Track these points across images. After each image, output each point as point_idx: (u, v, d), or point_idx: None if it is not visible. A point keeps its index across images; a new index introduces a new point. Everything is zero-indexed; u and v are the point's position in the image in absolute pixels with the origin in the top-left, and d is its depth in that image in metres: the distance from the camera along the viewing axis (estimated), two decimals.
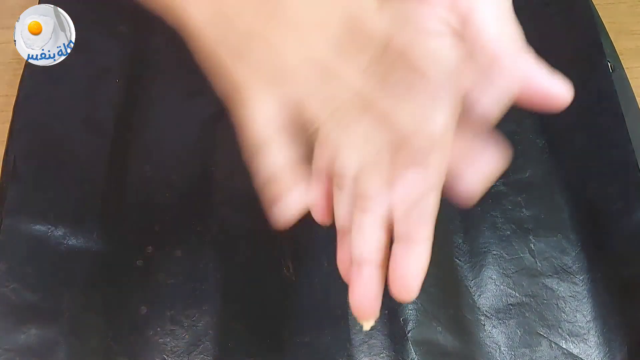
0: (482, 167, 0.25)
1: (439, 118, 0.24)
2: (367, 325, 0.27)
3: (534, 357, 0.38)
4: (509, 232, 0.41)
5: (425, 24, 0.24)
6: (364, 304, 0.26)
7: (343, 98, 0.25)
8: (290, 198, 0.26)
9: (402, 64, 0.24)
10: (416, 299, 0.38)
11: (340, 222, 0.28)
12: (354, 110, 0.25)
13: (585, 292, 0.40)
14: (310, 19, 0.25)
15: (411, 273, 0.25)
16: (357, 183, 0.26)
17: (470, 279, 0.40)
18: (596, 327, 0.39)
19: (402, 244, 0.25)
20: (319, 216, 0.28)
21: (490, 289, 0.40)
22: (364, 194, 0.26)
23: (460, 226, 0.42)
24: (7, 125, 0.43)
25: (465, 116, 0.25)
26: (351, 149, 0.26)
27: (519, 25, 0.25)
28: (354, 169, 0.26)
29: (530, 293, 0.40)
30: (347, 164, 0.26)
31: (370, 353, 0.38)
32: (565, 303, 0.39)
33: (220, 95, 0.29)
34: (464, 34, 0.24)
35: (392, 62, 0.24)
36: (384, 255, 0.26)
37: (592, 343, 0.38)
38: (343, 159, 0.26)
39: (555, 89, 0.24)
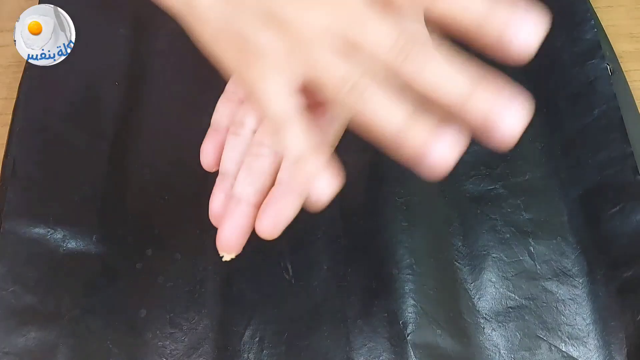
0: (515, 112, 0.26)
1: None
2: (227, 257, 0.29)
3: None
4: (508, 235, 0.41)
5: None
6: (233, 238, 0.28)
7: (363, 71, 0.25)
8: (322, 182, 0.26)
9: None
10: (416, 301, 0.38)
11: (225, 165, 0.30)
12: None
13: (585, 295, 0.40)
14: None
15: (281, 214, 0.28)
16: (256, 133, 0.29)
17: (470, 281, 0.40)
18: (596, 330, 0.39)
19: (281, 188, 0.28)
20: (208, 163, 0.31)
21: (489, 291, 0.40)
22: (260, 142, 0.29)
23: (459, 229, 0.42)
24: (7, 128, 0.43)
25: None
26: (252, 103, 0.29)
27: None
28: (255, 122, 0.29)
29: (529, 296, 0.40)
30: (249, 116, 0.30)
31: (369, 356, 0.38)
32: (564, 306, 0.39)
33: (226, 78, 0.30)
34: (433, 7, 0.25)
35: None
36: (262, 199, 0.28)
37: (592, 346, 0.38)
38: (245, 112, 0.30)
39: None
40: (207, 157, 0.31)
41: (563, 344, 0.38)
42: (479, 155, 0.43)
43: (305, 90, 0.27)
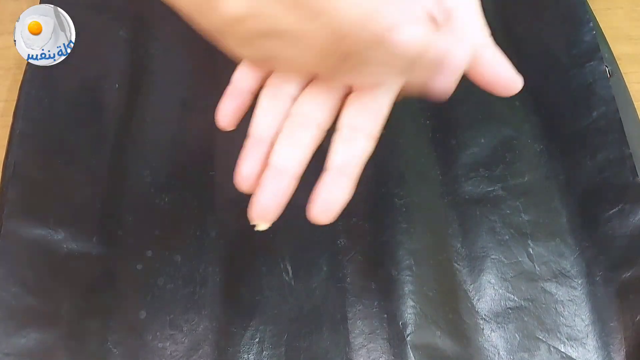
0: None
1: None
2: (263, 227, 0.28)
3: None
4: (507, 237, 0.41)
5: (412, 10, 0.26)
6: (272, 207, 0.27)
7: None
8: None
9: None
10: (415, 302, 0.39)
11: (259, 129, 0.28)
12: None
13: (584, 296, 0.40)
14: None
15: (335, 200, 0.27)
16: (298, 101, 0.28)
17: (469, 283, 0.40)
18: (595, 331, 0.39)
19: (334, 173, 0.27)
20: (227, 123, 0.30)
21: (488, 293, 0.40)
22: (304, 113, 0.28)
23: (458, 230, 0.42)
24: (8, 130, 0.43)
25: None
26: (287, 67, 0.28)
27: (519, 29, 0.28)
28: (294, 89, 0.28)
29: (528, 297, 0.40)
30: (287, 81, 0.28)
31: (369, 357, 0.38)
32: (563, 307, 0.39)
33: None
34: (446, 25, 0.26)
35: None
36: (302, 171, 0.28)
37: (591, 347, 0.38)
38: (282, 76, 0.28)
39: (516, 79, 0.28)
40: (225, 117, 0.30)
41: (562, 345, 0.39)
42: (477, 157, 0.44)
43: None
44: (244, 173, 0.28)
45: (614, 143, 0.42)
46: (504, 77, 0.27)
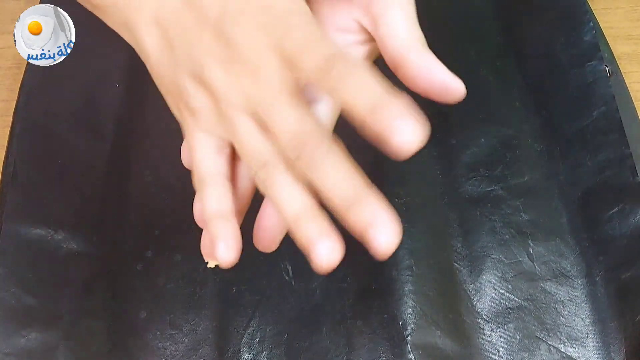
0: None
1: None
2: (211, 264, 0.29)
3: None
4: (507, 237, 0.41)
5: (339, 21, 0.28)
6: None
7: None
8: (220, 248, 0.27)
9: None
10: (415, 302, 0.39)
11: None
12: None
13: (584, 296, 0.40)
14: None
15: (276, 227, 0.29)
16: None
17: (469, 282, 0.40)
18: (595, 331, 0.39)
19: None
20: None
21: (489, 292, 0.40)
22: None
23: (458, 230, 0.42)
24: (8, 130, 0.43)
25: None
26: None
27: (519, 30, 0.27)
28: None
29: (529, 297, 0.40)
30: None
31: (369, 356, 0.38)
32: (563, 307, 0.40)
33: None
34: (375, 33, 0.27)
35: None
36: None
37: (591, 347, 0.39)
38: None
39: (453, 84, 0.27)
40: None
41: (562, 345, 0.39)
42: (478, 156, 0.44)
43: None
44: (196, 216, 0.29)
45: (614, 143, 0.42)
46: (437, 81, 0.26)
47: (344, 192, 0.25)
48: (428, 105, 0.45)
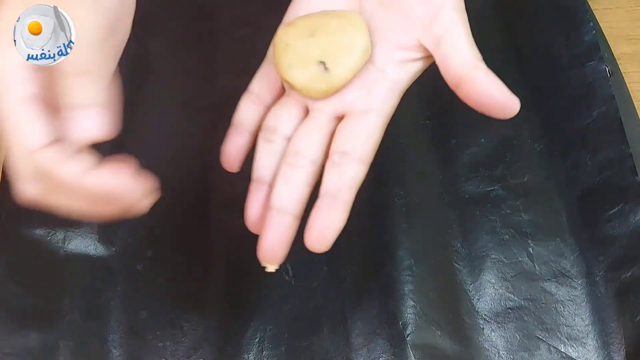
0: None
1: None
2: (271, 268, 0.29)
3: None
4: (507, 237, 0.41)
5: (400, 39, 0.29)
6: (275, 249, 0.28)
7: None
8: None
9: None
10: (415, 302, 0.39)
11: (259, 172, 0.30)
12: None
13: (584, 296, 0.40)
14: None
15: (329, 227, 0.28)
16: (291, 141, 0.29)
17: (469, 282, 0.40)
18: (594, 330, 0.39)
19: (326, 200, 0.28)
20: (231, 165, 0.31)
21: (489, 292, 0.40)
22: (297, 152, 0.29)
23: (459, 230, 0.42)
24: None
25: None
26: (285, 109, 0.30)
27: (519, 30, 0.27)
28: (288, 128, 0.29)
29: (528, 297, 0.40)
30: (281, 122, 0.30)
31: (369, 357, 0.38)
32: (563, 307, 0.40)
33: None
34: (436, 52, 0.28)
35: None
36: (302, 209, 0.28)
37: (591, 347, 0.38)
38: (275, 117, 0.30)
39: (511, 101, 0.27)
40: (229, 158, 0.31)
41: (562, 345, 0.39)
42: (477, 156, 0.44)
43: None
44: (252, 217, 0.29)
45: (614, 142, 0.42)
46: (497, 98, 0.27)
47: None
48: (428, 105, 0.45)
